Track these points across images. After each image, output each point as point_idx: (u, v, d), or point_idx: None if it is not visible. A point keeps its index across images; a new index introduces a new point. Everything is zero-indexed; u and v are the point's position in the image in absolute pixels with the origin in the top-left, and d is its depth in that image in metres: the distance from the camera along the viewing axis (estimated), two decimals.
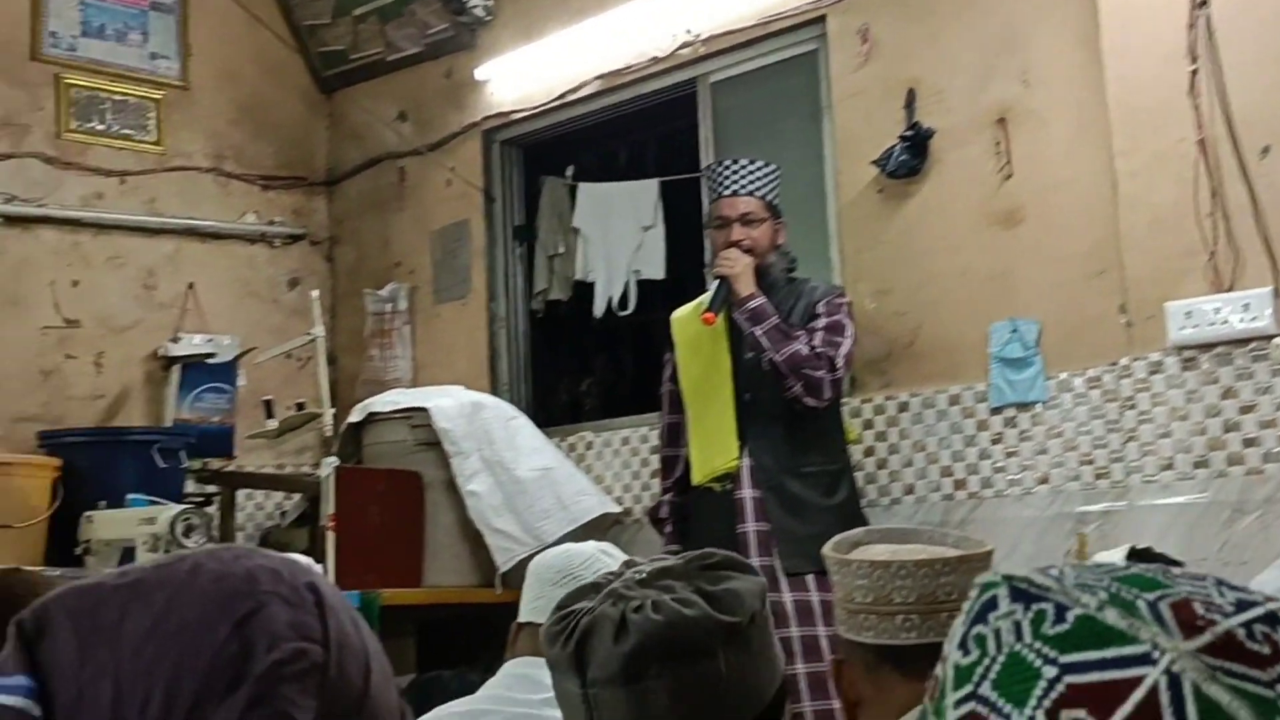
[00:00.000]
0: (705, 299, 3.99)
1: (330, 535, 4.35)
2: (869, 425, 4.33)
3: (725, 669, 1.27)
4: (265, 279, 6.03)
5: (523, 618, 2.20)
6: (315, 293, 4.96)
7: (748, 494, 3.88)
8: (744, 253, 3.94)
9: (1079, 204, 3.96)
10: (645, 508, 4.90)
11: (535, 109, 5.46)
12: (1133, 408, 3.77)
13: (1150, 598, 0.63)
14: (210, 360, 5.57)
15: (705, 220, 4.22)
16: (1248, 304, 3.53)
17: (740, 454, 3.91)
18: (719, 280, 3.93)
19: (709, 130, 4.95)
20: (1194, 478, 3.62)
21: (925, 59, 4.31)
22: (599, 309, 5.41)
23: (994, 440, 4.08)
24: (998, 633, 0.64)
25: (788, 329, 3.86)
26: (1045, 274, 4.03)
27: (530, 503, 4.68)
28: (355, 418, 4.94)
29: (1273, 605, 0.62)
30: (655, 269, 5.35)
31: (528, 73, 5.46)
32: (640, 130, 5.81)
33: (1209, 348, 3.62)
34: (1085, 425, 3.90)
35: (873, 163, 4.33)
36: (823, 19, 4.58)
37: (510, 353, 5.61)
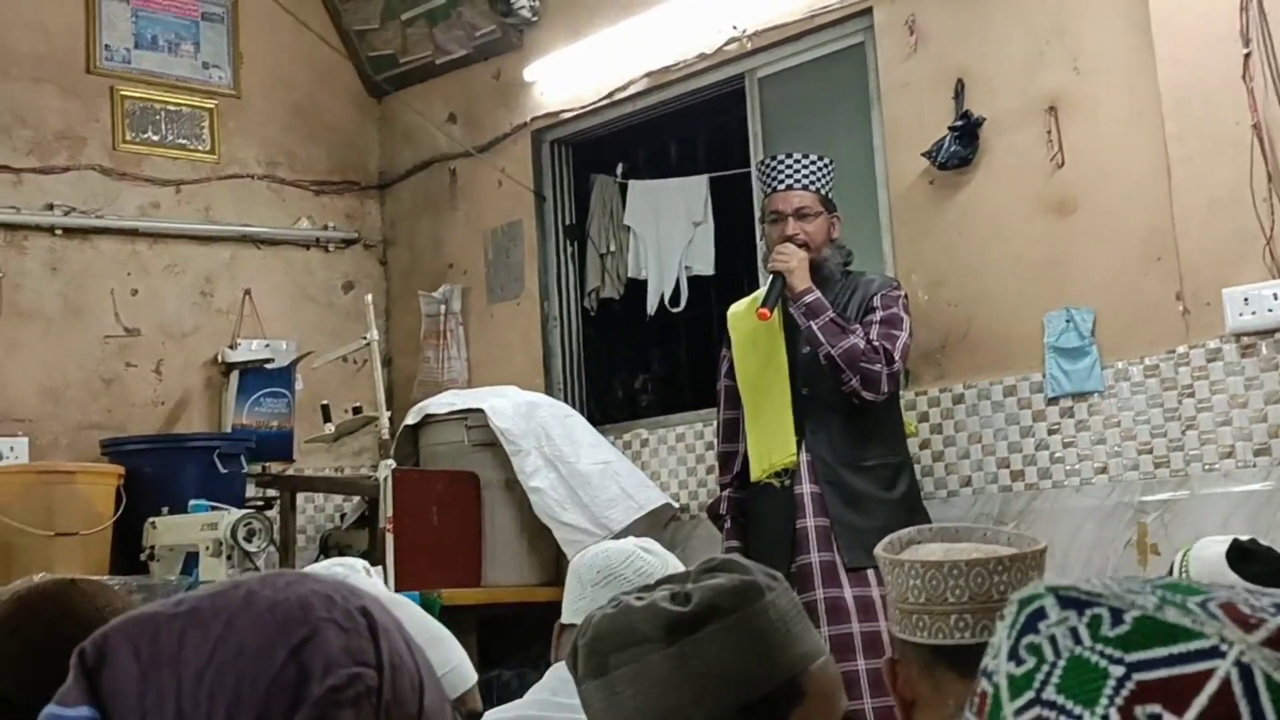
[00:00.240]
0: (760, 294, 3.99)
1: (389, 537, 4.39)
2: (924, 418, 4.31)
3: (684, 657, 1.33)
4: (320, 283, 6.09)
5: (565, 619, 2.17)
6: (369, 296, 5.00)
7: (806, 489, 3.87)
8: (799, 247, 3.93)
9: (1133, 191, 3.92)
10: (701, 504, 4.91)
11: (584, 108, 5.47)
12: (1191, 395, 3.74)
13: (1197, 600, 0.63)
14: (268, 365, 5.63)
15: (760, 215, 4.21)
16: None
17: (799, 449, 3.90)
18: (774, 275, 3.92)
19: (757, 125, 4.95)
20: (1255, 465, 3.58)
21: (973, 48, 4.28)
22: (651, 306, 5.43)
23: (1051, 431, 4.06)
24: (1053, 639, 0.64)
25: (844, 323, 3.85)
26: (1100, 262, 3.99)
27: (594, 494, 4.68)
28: (412, 420, 4.98)
29: None
30: (706, 265, 5.35)
31: (575, 72, 5.47)
32: (689, 126, 5.81)
33: (1268, 333, 3.58)
34: (1143, 414, 3.86)
35: (923, 154, 4.31)
36: (869, 11, 4.56)
37: (564, 351, 5.62)
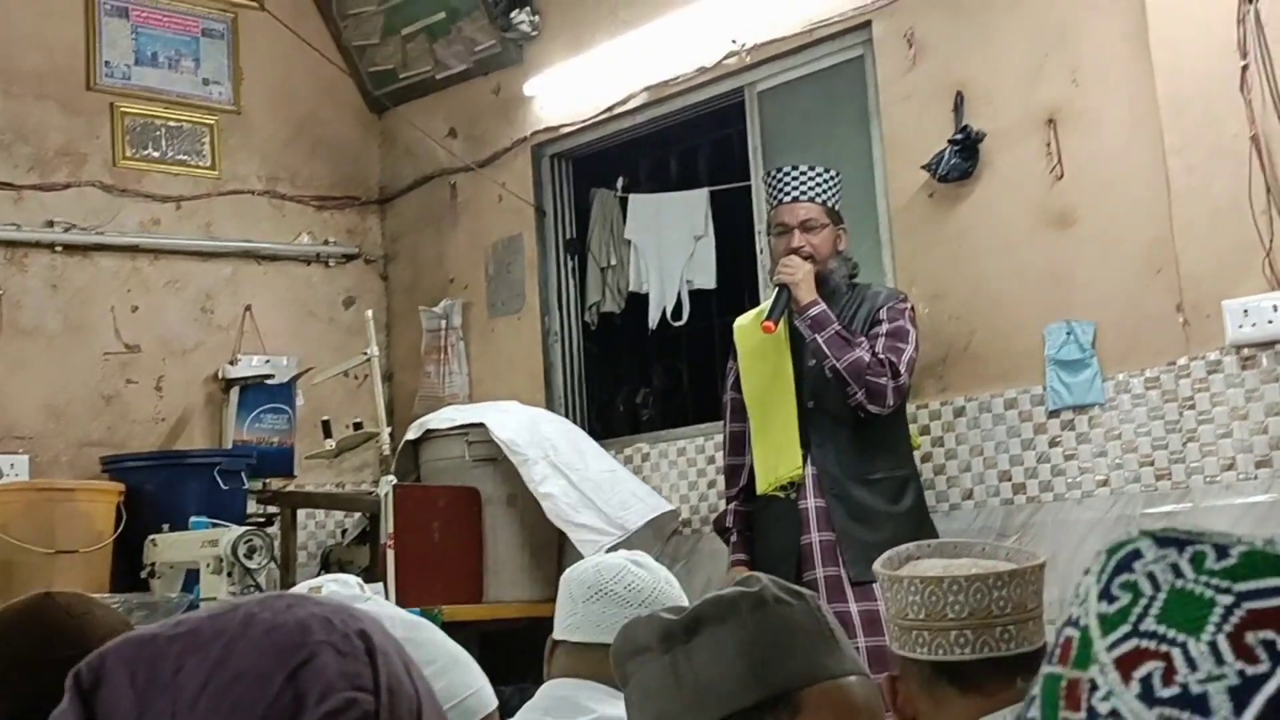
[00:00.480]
0: (765, 307, 3.98)
1: (390, 553, 4.38)
2: (925, 431, 4.31)
3: (675, 666, 1.36)
4: (321, 299, 6.09)
5: (557, 635, 2.11)
6: (369, 312, 5.00)
7: (811, 503, 3.86)
8: (804, 259, 3.92)
9: (1133, 203, 3.92)
10: (704, 519, 4.90)
11: (584, 122, 5.48)
12: (1192, 408, 3.73)
13: None
14: (269, 381, 5.63)
15: (766, 227, 4.20)
16: None
17: (804, 462, 3.89)
18: (779, 288, 3.91)
19: (757, 138, 4.95)
20: (1257, 478, 3.58)
21: (972, 61, 4.28)
22: (653, 320, 5.42)
23: (1052, 443, 4.05)
24: (1151, 575, 0.62)
25: (849, 336, 3.84)
26: (1100, 274, 3.99)
27: (607, 497, 4.63)
28: (412, 435, 4.97)
29: None
30: (707, 278, 5.35)
31: (575, 86, 5.47)
32: (689, 140, 5.81)
33: (1268, 345, 3.57)
34: (1144, 426, 3.86)
35: (923, 167, 4.31)
36: (868, 24, 4.56)
37: (565, 366, 5.62)
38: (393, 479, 4.50)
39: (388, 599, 4.17)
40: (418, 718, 0.87)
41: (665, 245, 5.44)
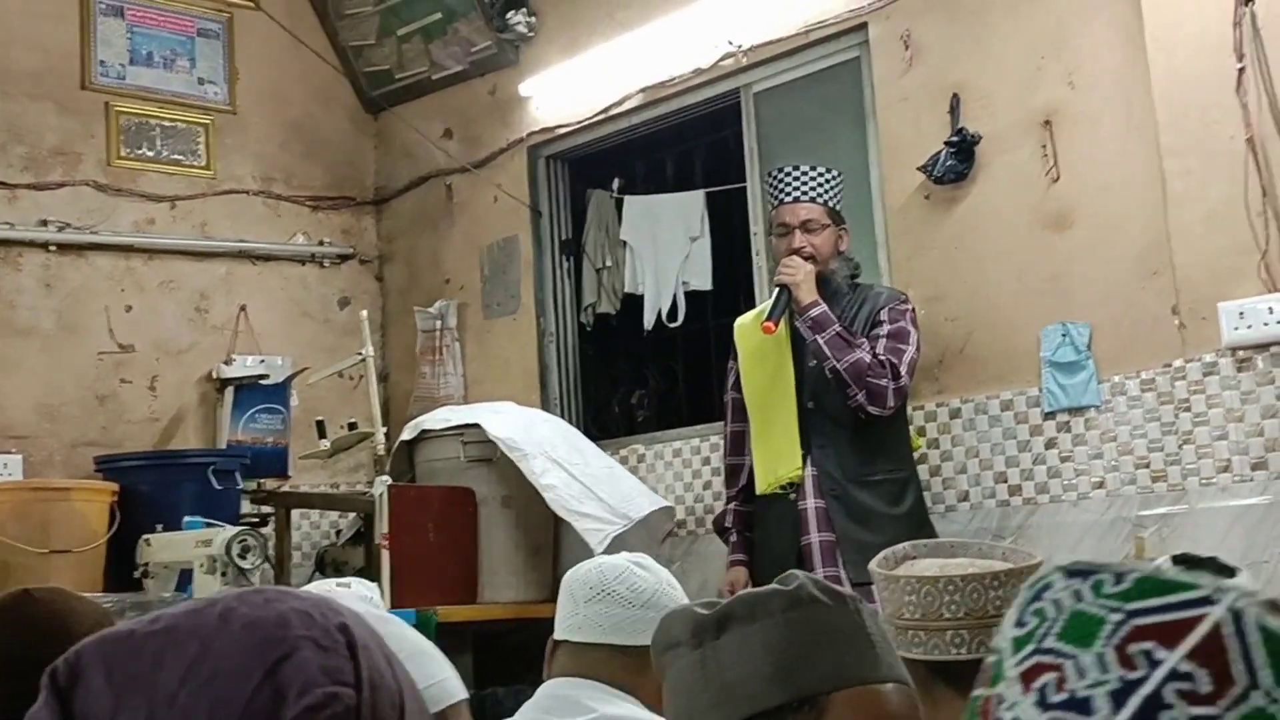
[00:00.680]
0: (766, 307, 3.97)
1: (385, 553, 4.37)
2: (921, 433, 4.30)
3: (704, 661, 1.36)
4: (316, 299, 6.08)
5: (558, 635, 2.11)
6: (364, 312, 4.99)
7: (811, 504, 3.86)
8: (805, 260, 3.92)
9: (1129, 205, 3.92)
10: (699, 520, 4.90)
11: (580, 123, 5.47)
12: (1188, 410, 3.73)
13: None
14: (263, 381, 5.62)
15: (767, 227, 4.19)
16: None
17: (804, 463, 3.89)
18: (780, 288, 3.90)
19: (754, 140, 4.94)
20: (1252, 480, 3.57)
21: (969, 63, 4.28)
22: (648, 321, 5.42)
23: (1048, 445, 4.05)
24: (1056, 602, 0.69)
25: (850, 337, 3.83)
26: (1096, 276, 3.99)
27: (609, 489, 4.59)
28: (407, 435, 4.95)
29: None
30: (703, 280, 5.34)
31: (571, 87, 5.47)
32: (686, 141, 5.81)
33: (1263, 348, 3.57)
34: (1140, 428, 3.86)
35: (919, 168, 4.31)
36: (864, 26, 4.56)
37: (561, 367, 5.62)
38: (387, 479, 4.49)
39: (383, 600, 4.16)
40: (400, 711, 0.86)
41: (661, 246, 5.43)
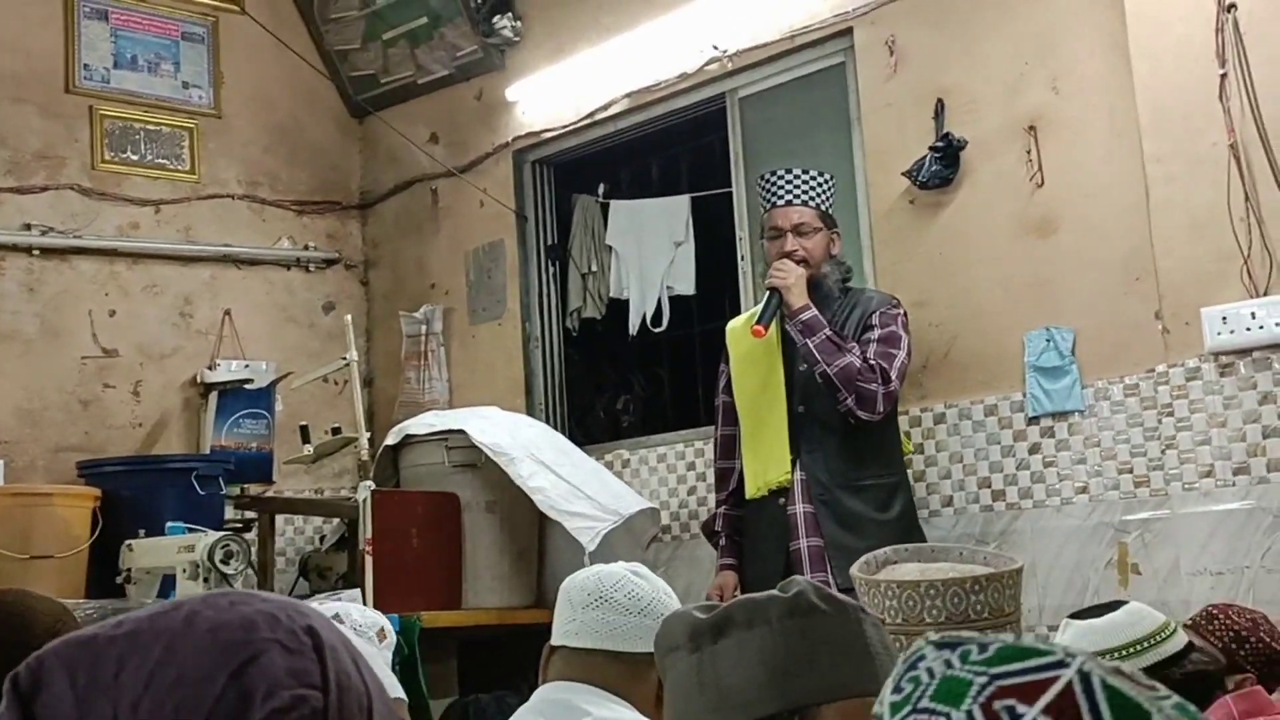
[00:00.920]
0: (757, 310, 3.97)
1: (368, 559, 4.36)
2: (906, 438, 4.30)
3: (701, 666, 1.36)
4: (301, 304, 6.06)
5: (555, 640, 2.14)
6: (349, 317, 4.98)
7: (800, 509, 3.85)
8: (797, 263, 3.91)
9: (1113, 211, 3.93)
10: (683, 525, 4.89)
11: (566, 128, 5.47)
12: (1171, 415, 3.73)
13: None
14: (247, 386, 5.60)
15: (759, 230, 4.18)
16: None
17: (793, 468, 3.88)
18: (771, 292, 3.90)
19: (739, 145, 4.94)
20: (1234, 484, 3.58)
21: (954, 69, 4.29)
22: (633, 326, 5.41)
23: (1032, 450, 4.05)
24: (929, 669, 0.78)
25: (840, 341, 3.82)
26: (1080, 282, 3.99)
27: (598, 489, 4.57)
28: (392, 440, 4.93)
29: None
30: (687, 285, 5.34)
31: (557, 92, 5.47)
32: (671, 146, 5.81)
33: (1246, 353, 3.58)
34: (1123, 433, 3.86)
35: (904, 174, 4.31)
36: (849, 31, 4.57)
37: (546, 372, 5.61)
38: (371, 484, 4.47)
39: (365, 605, 4.14)
40: (368, 714, 0.86)
41: (646, 251, 5.43)
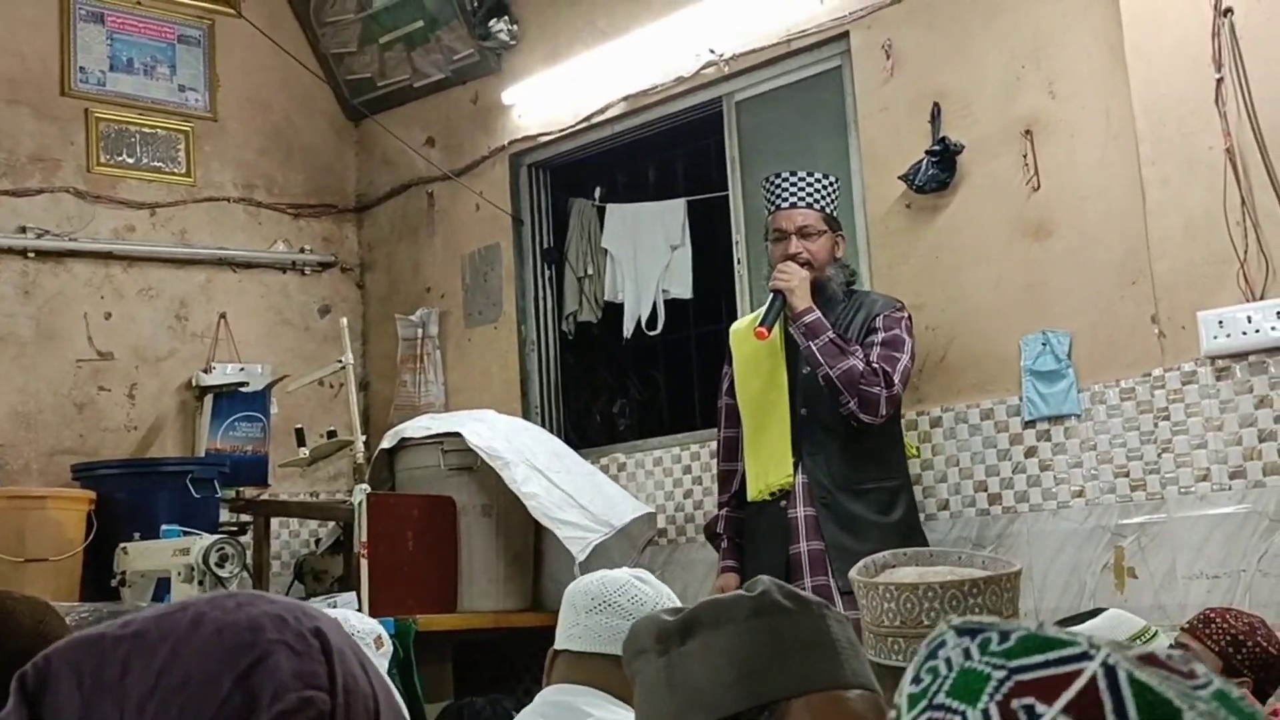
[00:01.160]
0: (761, 312, 3.96)
1: (363, 562, 4.35)
2: (908, 440, 4.30)
3: (670, 668, 1.36)
4: (297, 307, 6.06)
5: (559, 645, 2.15)
6: (344, 320, 4.97)
7: (801, 512, 3.84)
8: (801, 266, 3.91)
9: (1108, 214, 3.93)
10: (679, 529, 4.89)
11: (562, 131, 5.47)
12: (1167, 419, 3.73)
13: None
14: (243, 389, 5.59)
15: (764, 233, 4.17)
16: None
17: (795, 471, 3.88)
18: (774, 294, 3.89)
19: (735, 149, 4.94)
20: (1231, 488, 3.58)
21: (950, 72, 4.29)
22: (628, 329, 5.41)
23: (1028, 454, 4.05)
24: (948, 660, 0.74)
25: (844, 344, 3.82)
26: (1077, 285, 3.99)
27: (592, 497, 4.58)
28: (387, 444, 4.93)
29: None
30: (683, 288, 5.34)
31: (553, 96, 5.47)
32: (667, 150, 5.81)
33: (1242, 356, 3.58)
34: (1119, 437, 3.86)
35: (900, 177, 4.31)
36: (846, 35, 4.57)
37: (542, 375, 5.61)
38: (366, 487, 4.47)
39: (361, 609, 4.14)
40: (374, 717, 0.85)
41: (642, 255, 5.43)
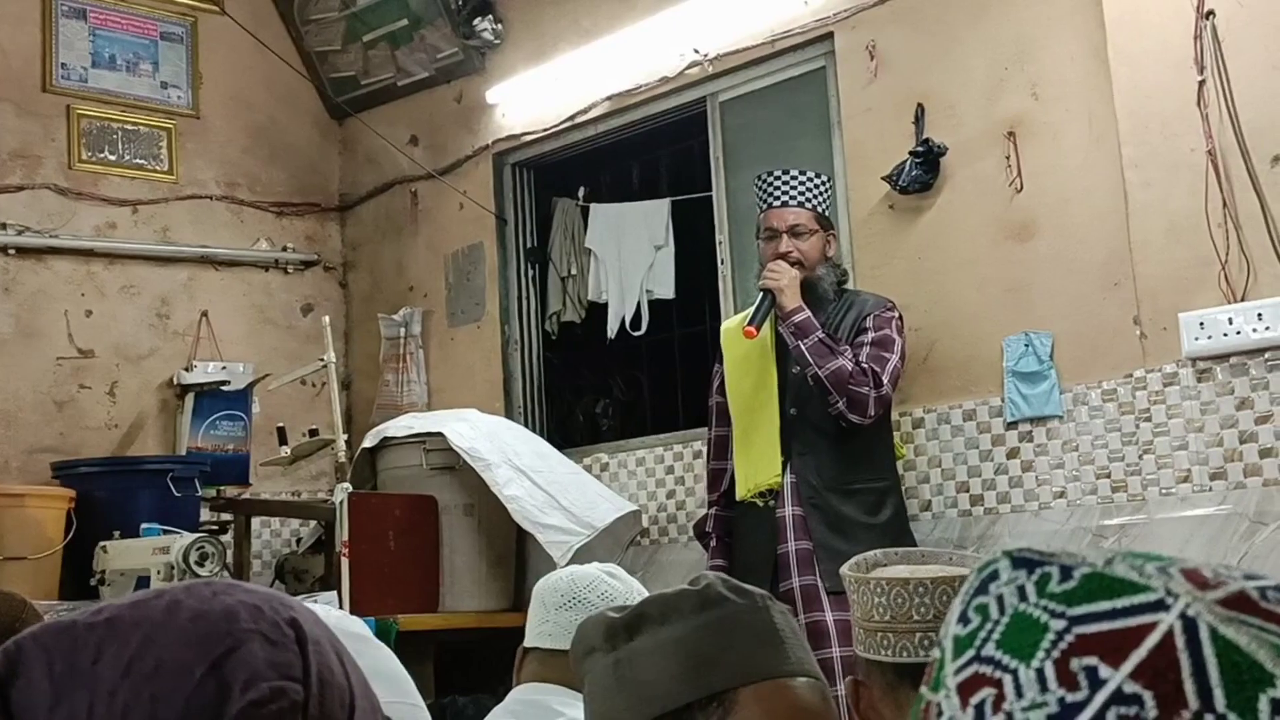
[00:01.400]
0: (751, 311, 3.96)
1: (345, 561, 4.35)
2: (898, 441, 4.31)
3: (619, 664, 1.36)
4: (279, 305, 6.05)
5: (528, 642, 2.14)
6: (326, 318, 4.96)
7: (789, 511, 3.84)
8: (792, 265, 3.91)
9: (1091, 216, 3.95)
10: (662, 529, 4.90)
11: (546, 131, 5.47)
12: (1148, 420, 3.75)
13: (1158, 564, 0.61)
14: (224, 388, 5.58)
15: (755, 231, 4.18)
16: (1261, 313, 3.51)
17: (783, 470, 3.88)
18: (764, 293, 3.89)
19: (719, 149, 4.95)
20: (1211, 490, 3.60)
21: (934, 74, 4.31)
22: (612, 330, 5.41)
23: (1010, 455, 4.07)
24: (1000, 598, 0.63)
25: (833, 344, 3.82)
26: (1059, 287, 4.01)
27: (574, 497, 4.57)
28: (369, 443, 4.93)
29: None
30: (667, 288, 5.34)
31: (538, 95, 5.47)
32: (651, 150, 5.82)
33: (1223, 358, 3.60)
34: (1101, 438, 3.88)
35: (884, 178, 4.32)
36: (830, 36, 4.58)
37: (525, 375, 5.60)
38: (348, 487, 4.46)
39: (342, 608, 4.13)
40: (350, 710, 0.84)
41: (626, 255, 5.43)
